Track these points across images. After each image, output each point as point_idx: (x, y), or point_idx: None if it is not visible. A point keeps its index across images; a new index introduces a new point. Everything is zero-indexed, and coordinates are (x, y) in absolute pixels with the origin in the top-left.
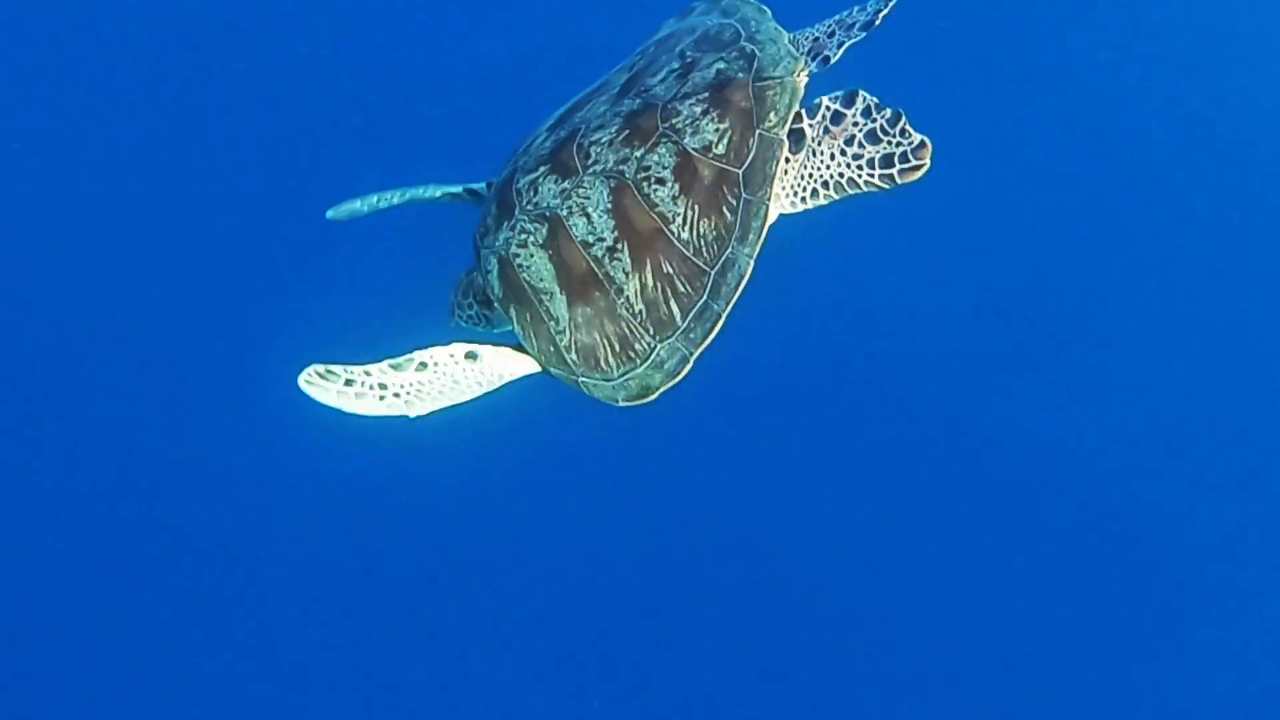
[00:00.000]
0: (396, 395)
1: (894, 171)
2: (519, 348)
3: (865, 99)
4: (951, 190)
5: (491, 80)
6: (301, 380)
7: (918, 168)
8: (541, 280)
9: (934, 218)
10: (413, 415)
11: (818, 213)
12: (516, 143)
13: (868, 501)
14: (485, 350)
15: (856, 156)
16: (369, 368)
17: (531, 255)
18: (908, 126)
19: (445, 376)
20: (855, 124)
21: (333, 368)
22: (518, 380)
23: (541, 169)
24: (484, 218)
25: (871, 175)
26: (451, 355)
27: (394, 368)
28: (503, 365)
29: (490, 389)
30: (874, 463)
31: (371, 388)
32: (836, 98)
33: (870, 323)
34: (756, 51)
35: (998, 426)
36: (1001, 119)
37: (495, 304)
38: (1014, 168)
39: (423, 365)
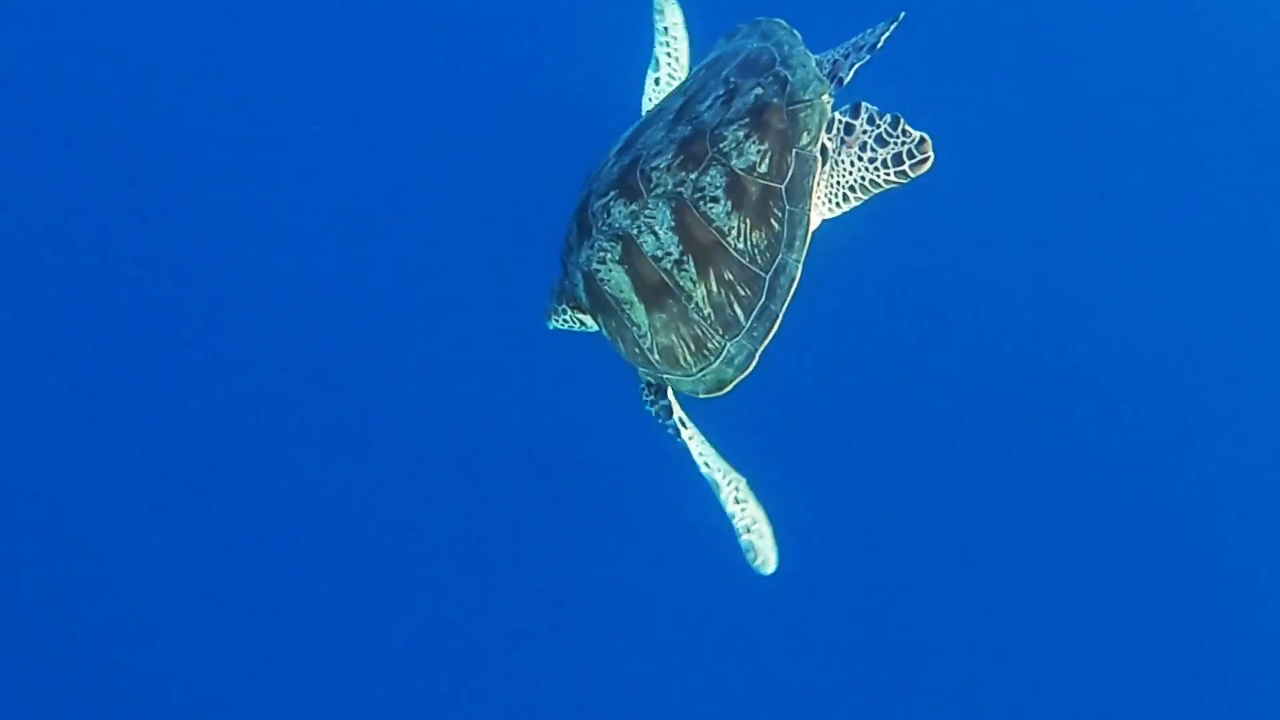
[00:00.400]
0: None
1: (905, 167)
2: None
3: (866, 109)
4: (949, 187)
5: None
6: (765, 566)
7: (924, 161)
8: (622, 292)
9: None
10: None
11: (855, 215)
12: (589, 165)
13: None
14: (673, 406)
15: (871, 160)
16: (737, 498)
17: (610, 270)
18: (907, 127)
19: (704, 446)
20: (864, 132)
21: (745, 531)
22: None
23: (611, 193)
24: (566, 236)
25: (888, 174)
26: (690, 438)
27: (720, 476)
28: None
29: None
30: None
31: (746, 504)
32: (845, 111)
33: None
34: (789, 76)
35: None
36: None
37: (586, 312)
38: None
39: (704, 459)
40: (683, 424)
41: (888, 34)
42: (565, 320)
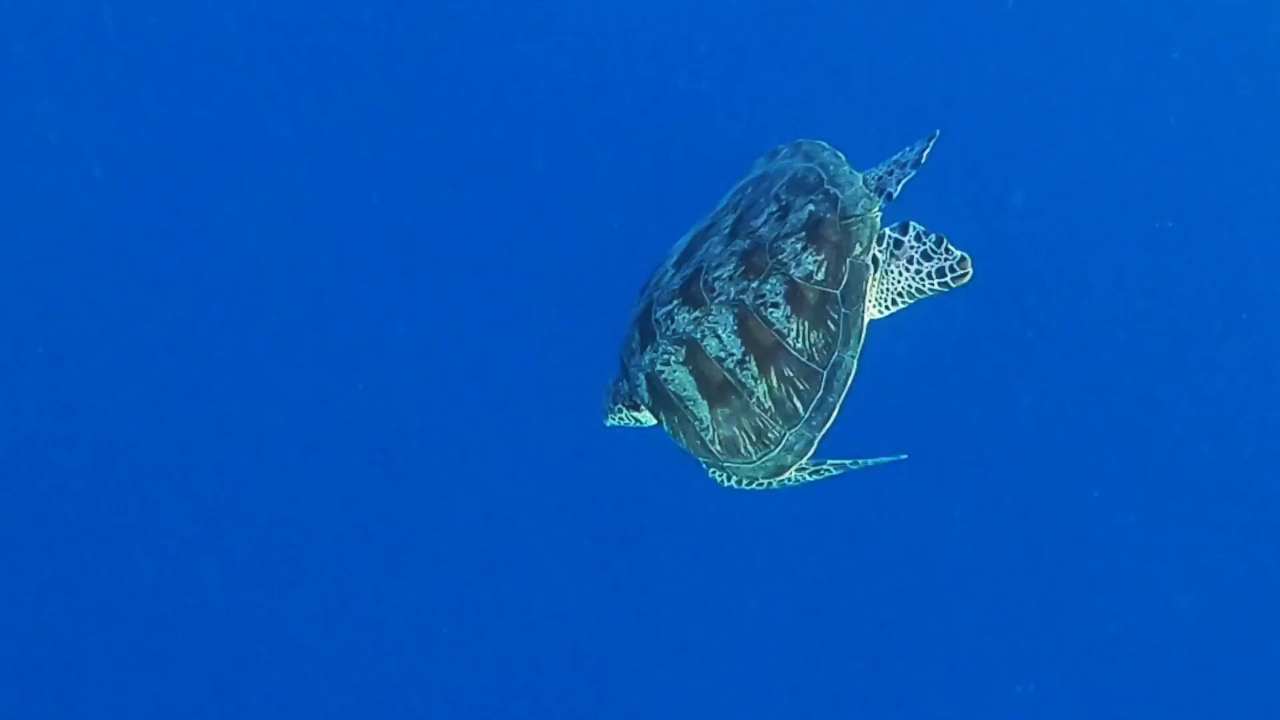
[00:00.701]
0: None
1: (948, 279)
2: None
3: (914, 228)
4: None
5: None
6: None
7: (964, 275)
8: (685, 390)
9: None
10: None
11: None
12: (646, 276)
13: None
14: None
15: (918, 272)
16: (835, 467)
17: (675, 371)
18: (950, 246)
19: (817, 467)
20: (912, 247)
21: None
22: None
23: (675, 301)
24: (628, 341)
25: (932, 284)
26: (813, 473)
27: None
28: None
29: None
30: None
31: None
32: (895, 228)
33: None
34: (839, 194)
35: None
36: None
37: (644, 409)
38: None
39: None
40: (799, 474)
41: (928, 150)
42: (621, 418)
